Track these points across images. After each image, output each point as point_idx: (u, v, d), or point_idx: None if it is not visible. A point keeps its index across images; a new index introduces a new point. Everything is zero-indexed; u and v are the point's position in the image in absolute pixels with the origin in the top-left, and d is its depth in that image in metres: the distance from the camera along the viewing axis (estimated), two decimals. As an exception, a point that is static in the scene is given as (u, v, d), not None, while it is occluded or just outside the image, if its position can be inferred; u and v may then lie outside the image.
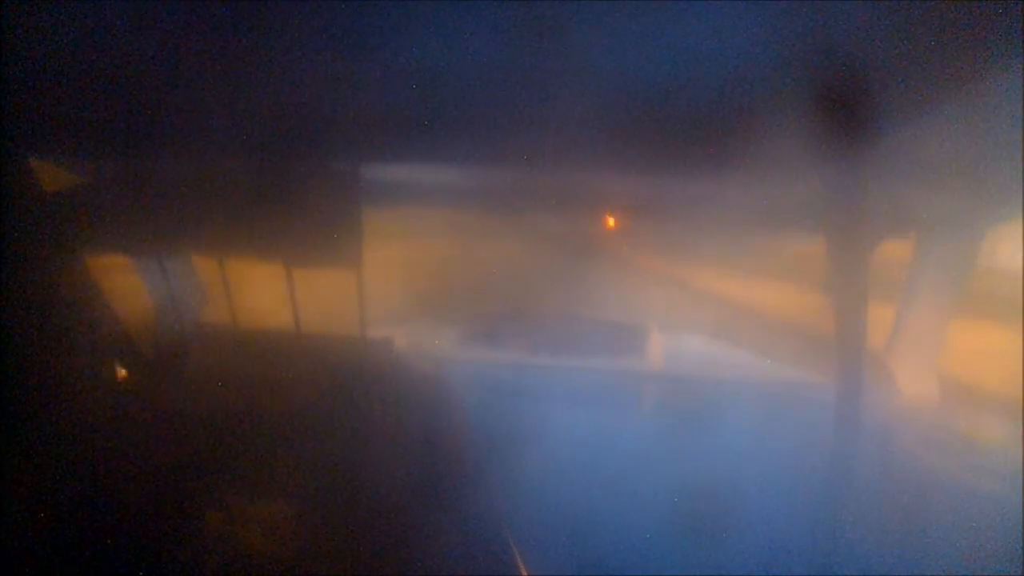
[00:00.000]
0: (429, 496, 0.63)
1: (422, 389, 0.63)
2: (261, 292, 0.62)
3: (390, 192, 0.63)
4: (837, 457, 0.63)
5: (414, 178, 0.62)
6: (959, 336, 0.63)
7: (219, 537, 0.63)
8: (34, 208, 0.61)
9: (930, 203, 0.61)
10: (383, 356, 0.63)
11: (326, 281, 0.62)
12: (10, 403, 0.60)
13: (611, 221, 0.61)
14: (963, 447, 0.63)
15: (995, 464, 0.62)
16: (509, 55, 0.59)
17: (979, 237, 0.63)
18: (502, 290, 0.62)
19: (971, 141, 0.59)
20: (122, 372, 0.62)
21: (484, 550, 0.62)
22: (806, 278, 0.62)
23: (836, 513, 0.63)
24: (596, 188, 0.62)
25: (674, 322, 0.63)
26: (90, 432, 0.61)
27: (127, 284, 0.62)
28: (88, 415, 0.61)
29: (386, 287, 0.63)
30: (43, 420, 0.61)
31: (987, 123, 0.59)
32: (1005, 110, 0.58)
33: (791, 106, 0.58)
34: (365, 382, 0.63)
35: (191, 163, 0.60)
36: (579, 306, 0.62)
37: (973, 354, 0.62)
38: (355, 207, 0.61)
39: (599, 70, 0.59)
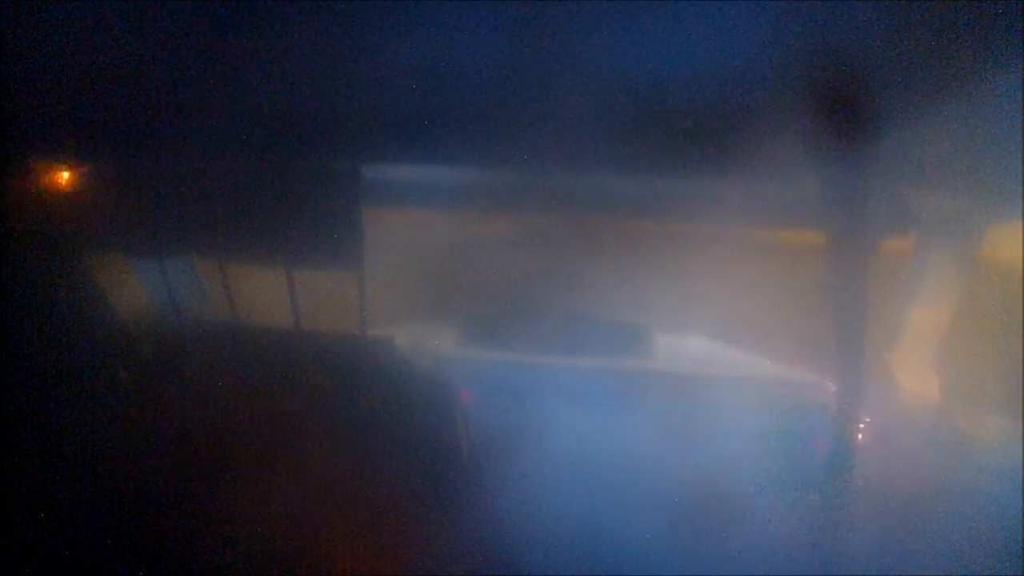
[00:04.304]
0: (429, 496, 0.63)
1: (422, 389, 0.63)
2: (261, 292, 0.62)
3: (390, 192, 0.63)
4: (837, 457, 0.63)
5: (414, 178, 0.62)
6: (959, 336, 0.63)
7: (219, 537, 0.63)
8: (34, 208, 0.61)
9: (930, 203, 0.61)
10: (383, 356, 0.63)
11: (326, 281, 0.62)
12: (10, 403, 0.60)
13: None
14: (963, 447, 0.63)
15: (995, 464, 0.62)
16: (509, 55, 0.59)
17: (979, 237, 0.63)
18: (502, 290, 0.62)
19: (971, 141, 0.59)
20: (122, 372, 0.62)
21: (484, 550, 0.62)
22: (806, 278, 0.62)
23: (836, 513, 0.63)
24: (596, 188, 0.62)
25: (674, 322, 0.63)
26: (90, 432, 0.61)
27: (127, 284, 0.62)
28: (88, 415, 0.61)
29: (386, 287, 0.63)
30: (43, 420, 0.61)
31: (987, 123, 0.59)
32: (1005, 110, 0.58)
33: (791, 106, 0.58)
34: (365, 382, 0.63)
35: (191, 163, 0.60)
36: (579, 306, 0.62)
37: (973, 354, 0.63)
38: (355, 207, 0.61)
39: (599, 70, 0.59)
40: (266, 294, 0.61)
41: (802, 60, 0.58)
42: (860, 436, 0.63)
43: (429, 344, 0.62)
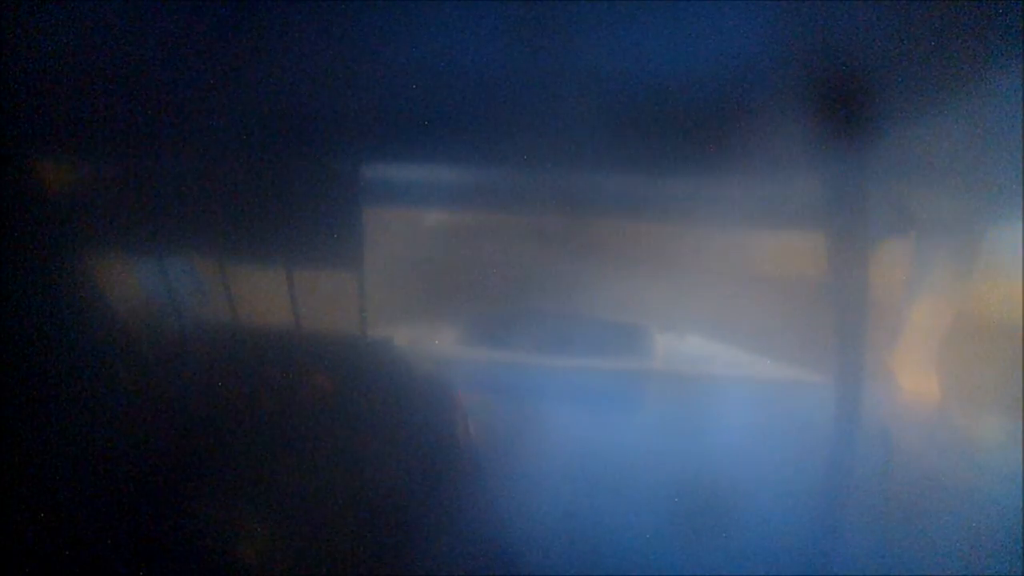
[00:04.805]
0: (429, 496, 0.63)
1: (422, 389, 0.63)
2: (261, 292, 0.62)
3: (390, 192, 0.63)
4: (837, 457, 0.63)
5: (414, 178, 0.62)
6: (959, 336, 0.63)
7: (219, 537, 0.63)
8: (34, 208, 0.61)
9: (930, 203, 0.61)
10: (383, 356, 0.63)
11: (326, 281, 0.62)
12: (10, 403, 0.60)
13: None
14: (963, 447, 0.63)
15: (995, 464, 0.62)
16: (509, 55, 0.59)
17: (979, 237, 0.63)
18: (502, 290, 0.62)
19: (971, 141, 0.59)
20: (122, 372, 0.62)
21: (484, 550, 0.62)
22: (806, 278, 0.62)
23: (836, 513, 0.63)
24: (596, 188, 0.62)
25: (674, 322, 0.63)
26: (90, 432, 0.61)
27: (127, 284, 0.62)
28: (88, 415, 0.61)
29: (386, 287, 0.63)
30: (43, 420, 0.61)
31: (987, 123, 0.59)
32: (1005, 110, 0.58)
33: (791, 106, 0.58)
34: (365, 382, 0.63)
35: (191, 163, 0.60)
36: (579, 306, 0.62)
37: (973, 354, 0.63)
38: (355, 207, 0.61)
39: (599, 70, 0.59)
40: (266, 294, 0.61)
41: (802, 60, 0.58)
42: (860, 436, 0.63)
43: (429, 344, 0.62)
